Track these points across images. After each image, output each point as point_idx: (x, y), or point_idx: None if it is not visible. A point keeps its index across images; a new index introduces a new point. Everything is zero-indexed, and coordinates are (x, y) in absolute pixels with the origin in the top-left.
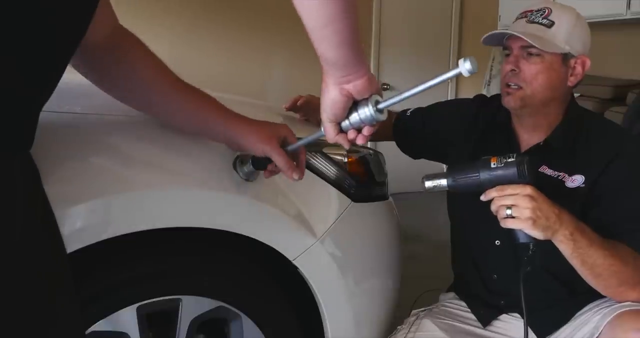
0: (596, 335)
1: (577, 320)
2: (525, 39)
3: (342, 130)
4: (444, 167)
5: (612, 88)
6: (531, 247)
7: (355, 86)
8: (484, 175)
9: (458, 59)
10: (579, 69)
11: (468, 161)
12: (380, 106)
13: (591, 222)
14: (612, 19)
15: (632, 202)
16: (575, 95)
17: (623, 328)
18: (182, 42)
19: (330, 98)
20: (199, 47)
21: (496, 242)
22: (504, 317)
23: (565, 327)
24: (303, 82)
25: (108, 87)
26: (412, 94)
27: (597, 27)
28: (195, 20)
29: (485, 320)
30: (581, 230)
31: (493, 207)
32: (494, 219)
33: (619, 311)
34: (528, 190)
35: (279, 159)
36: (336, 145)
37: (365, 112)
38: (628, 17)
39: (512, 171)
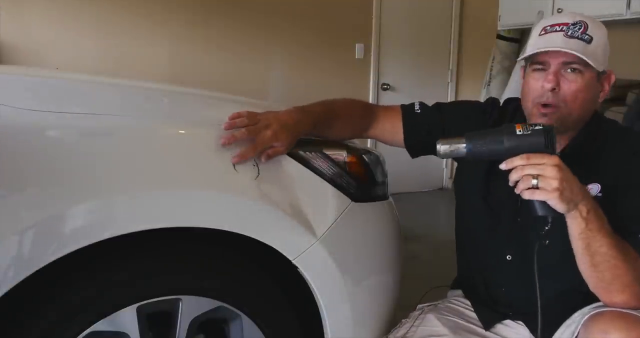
0: (575, 335)
1: (568, 319)
2: (581, 56)
3: None
4: (443, 162)
5: (612, 88)
6: (549, 220)
7: None
8: (508, 142)
9: (458, 58)
10: (606, 86)
11: (488, 128)
12: None
13: None
14: (612, 19)
15: None
16: None
17: (592, 330)
18: (182, 42)
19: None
20: (199, 47)
21: (507, 256)
22: (507, 321)
23: (561, 326)
24: (301, 82)
25: None
26: None
27: None
28: (194, 20)
29: (489, 323)
30: (597, 211)
31: (515, 176)
32: (507, 232)
33: (596, 311)
34: (556, 160)
35: None
36: (336, 145)
37: None
38: (628, 17)
39: (539, 139)
